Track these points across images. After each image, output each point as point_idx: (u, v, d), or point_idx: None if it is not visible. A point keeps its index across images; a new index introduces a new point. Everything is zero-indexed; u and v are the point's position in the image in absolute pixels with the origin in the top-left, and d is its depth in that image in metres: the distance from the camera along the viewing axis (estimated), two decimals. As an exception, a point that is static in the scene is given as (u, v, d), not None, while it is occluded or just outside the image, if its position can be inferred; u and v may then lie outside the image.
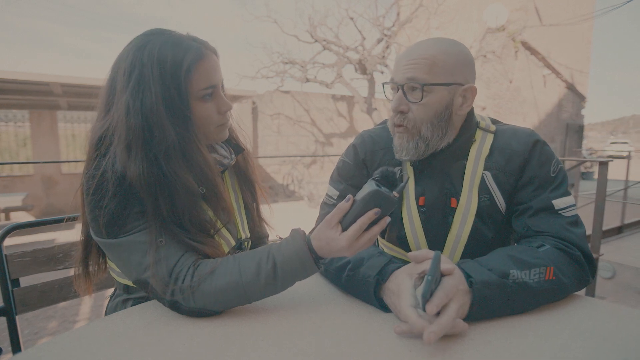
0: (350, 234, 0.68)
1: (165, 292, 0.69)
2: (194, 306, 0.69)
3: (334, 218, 0.69)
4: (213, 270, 0.71)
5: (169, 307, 0.71)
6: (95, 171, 0.72)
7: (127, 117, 0.72)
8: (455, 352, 0.58)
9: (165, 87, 0.73)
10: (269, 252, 0.72)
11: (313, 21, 9.46)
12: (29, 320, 2.76)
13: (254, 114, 9.47)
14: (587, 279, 0.77)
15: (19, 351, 0.93)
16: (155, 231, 0.72)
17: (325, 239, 0.69)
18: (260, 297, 0.72)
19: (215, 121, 0.82)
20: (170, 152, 0.74)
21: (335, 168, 1.03)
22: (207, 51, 0.79)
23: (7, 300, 0.92)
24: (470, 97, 0.87)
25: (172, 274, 0.70)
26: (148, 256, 0.70)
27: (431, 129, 0.86)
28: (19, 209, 7.13)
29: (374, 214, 0.67)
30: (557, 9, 9.86)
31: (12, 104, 8.09)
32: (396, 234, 0.97)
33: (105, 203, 0.70)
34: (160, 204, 0.72)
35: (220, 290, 0.69)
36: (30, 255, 0.96)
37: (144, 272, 0.70)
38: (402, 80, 0.85)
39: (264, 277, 0.70)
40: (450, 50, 0.84)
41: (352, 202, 0.69)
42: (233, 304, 0.72)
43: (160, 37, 0.76)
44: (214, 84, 0.80)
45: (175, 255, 0.72)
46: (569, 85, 11.11)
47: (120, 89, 0.74)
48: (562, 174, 0.86)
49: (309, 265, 0.70)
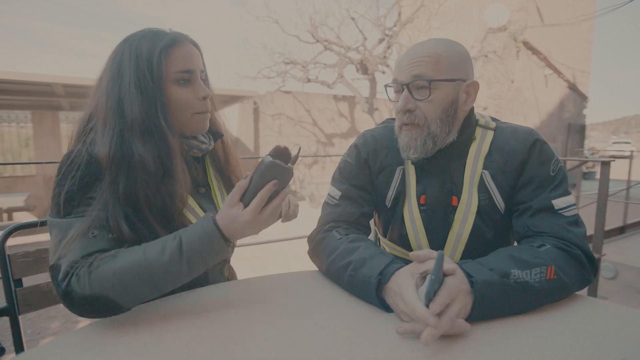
0: (253, 207, 0.69)
1: (65, 278, 0.65)
2: (88, 293, 0.64)
3: (234, 196, 0.70)
4: (116, 253, 0.68)
5: (61, 298, 0.66)
6: (70, 153, 0.75)
7: (107, 101, 0.77)
8: (456, 352, 0.58)
9: (139, 71, 0.77)
10: (177, 232, 0.70)
11: (314, 21, 9.47)
12: (31, 320, 2.77)
13: (255, 115, 9.48)
14: (588, 278, 0.77)
15: (22, 351, 0.94)
16: (95, 221, 0.70)
17: (229, 217, 0.69)
18: (167, 281, 0.68)
19: (192, 107, 0.84)
20: (132, 129, 0.76)
21: (337, 168, 1.03)
22: (184, 40, 0.83)
23: (10, 300, 0.93)
24: (473, 92, 0.88)
25: (79, 261, 0.67)
26: (72, 243, 0.68)
27: (440, 125, 0.86)
28: (21, 209, 7.15)
29: (272, 185, 0.69)
30: (558, 8, 9.84)
31: (15, 105, 8.12)
32: (397, 232, 0.97)
33: (66, 182, 0.72)
34: (119, 180, 0.73)
35: (120, 270, 0.65)
36: (32, 256, 0.96)
37: (59, 258, 0.67)
38: (408, 79, 0.85)
39: (168, 254, 0.66)
40: (451, 48, 0.86)
41: (250, 178, 0.70)
42: (136, 289, 0.66)
43: (143, 32, 0.82)
44: (190, 69, 0.82)
45: (96, 247, 0.69)
46: (570, 85, 11.09)
47: (104, 79, 0.80)
48: (561, 174, 0.86)
49: (217, 242, 0.68)
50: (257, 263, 4.23)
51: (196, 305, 0.75)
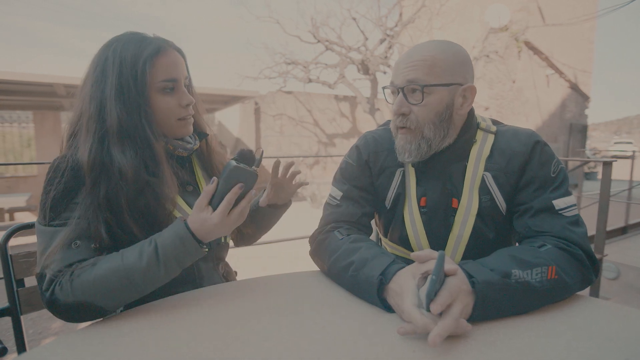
0: (221, 209, 0.72)
1: (49, 287, 0.69)
2: (72, 300, 0.68)
3: (202, 201, 0.73)
4: (96, 261, 0.71)
5: (46, 306, 0.70)
6: (56, 159, 0.77)
7: (90, 106, 0.78)
8: (458, 352, 0.58)
9: (122, 78, 0.78)
10: (152, 237, 0.74)
11: (315, 21, 9.48)
12: (33, 320, 2.78)
13: (256, 115, 9.49)
14: (590, 278, 0.77)
15: (24, 351, 0.94)
16: (77, 230, 0.72)
17: (199, 221, 0.73)
18: (147, 284, 0.72)
19: (176, 114, 0.85)
20: (111, 135, 0.77)
21: (339, 169, 1.04)
22: (169, 47, 0.83)
23: (12, 300, 0.93)
24: (470, 96, 0.87)
25: (62, 270, 0.70)
26: (55, 253, 0.70)
27: (433, 129, 0.86)
28: (23, 209, 7.17)
29: (238, 189, 0.73)
30: (559, 8, 9.83)
31: (16, 105, 8.15)
32: (398, 233, 0.97)
33: (52, 188, 0.73)
34: (100, 186, 0.75)
35: (101, 278, 0.68)
36: (34, 256, 0.96)
37: (44, 267, 0.70)
38: (402, 83, 0.85)
39: (145, 259, 0.70)
40: (448, 51, 0.84)
41: (216, 183, 0.73)
42: (117, 293, 0.70)
43: (127, 36, 0.82)
44: (174, 78, 0.83)
45: (78, 257, 0.71)
46: (572, 85, 11.07)
47: (87, 82, 0.81)
48: (562, 174, 0.86)
49: (190, 244, 0.72)
50: (258, 263, 4.24)
51: (197, 305, 0.75)
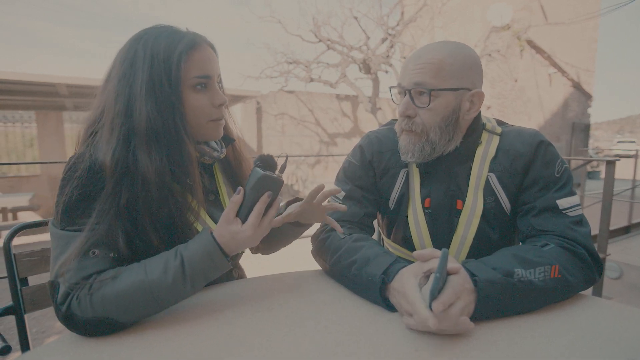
0: (253, 221, 0.69)
1: (65, 300, 0.63)
2: (91, 316, 0.62)
3: (230, 213, 0.69)
4: (116, 274, 0.65)
5: (62, 321, 0.64)
6: (72, 157, 0.71)
7: (115, 103, 0.72)
8: (460, 351, 0.58)
9: (154, 73, 0.72)
10: (176, 250, 0.69)
11: (317, 21, 9.46)
12: (37, 319, 2.79)
13: (258, 114, 9.49)
14: (593, 278, 0.77)
15: (28, 349, 0.94)
16: (94, 238, 0.66)
17: (228, 234, 0.69)
18: (171, 300, 0.68)
19: (208, 114, 0.79)
20: (138, 135, 0.71)
21: (342, 168, 1.03)
22: (203, 42, 0.78)
23: (16, 299, 0.93)
24: (478, 102, 0.87)
25: (79, 283, 0.64)
26: (71, 261, 0.64)
27: (439, 133, 0.86)
28: (26, 208, 7.18)
29: (267, 197, 0.69)
30: (562, 7, 9.78)
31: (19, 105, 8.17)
32: (401, 234, 0.97)
33: (68, 189, 0.68)
34: (121, 191, 0.69)
35: (124, 293, 0.63)
36: (38, 255, 0.97)
37: (57, 276, 0.65)
38: (409, 85, 0.85)
39: (171, 274, 0.66)
40: (458, 54, 0.83)
41: (243, 193, 0.70)
42: (140, 309, 0.65)
43: (158, 30, 0.76)
44: (208, 75, 0.77)
45: (95, 268, 0.66)
46: (574, 84, 11.02)
47: (113, 77, 0.74)
48: (566, 174, 0.86)
49: (218, 259, 0.68)
50: (259, 262, 4.24)
51: (200, 304, 0.75)
